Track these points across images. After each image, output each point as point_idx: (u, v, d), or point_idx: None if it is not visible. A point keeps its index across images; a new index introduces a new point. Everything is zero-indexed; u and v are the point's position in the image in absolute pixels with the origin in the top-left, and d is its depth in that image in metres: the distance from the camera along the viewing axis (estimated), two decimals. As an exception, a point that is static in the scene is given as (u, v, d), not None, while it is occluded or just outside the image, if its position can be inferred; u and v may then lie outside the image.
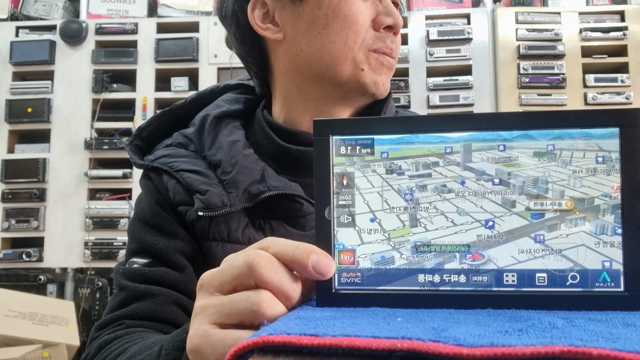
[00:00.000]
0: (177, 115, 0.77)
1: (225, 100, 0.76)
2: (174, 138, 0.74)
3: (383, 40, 0.67)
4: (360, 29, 0.65)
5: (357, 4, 0.65)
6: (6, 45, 2.49)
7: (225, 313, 0.35)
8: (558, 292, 0.34)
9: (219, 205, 0.63)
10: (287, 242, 0.36)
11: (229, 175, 0.65)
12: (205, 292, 0.38)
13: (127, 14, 2.58)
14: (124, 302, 0.65)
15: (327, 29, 0.65)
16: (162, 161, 0.69)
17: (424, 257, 0.36)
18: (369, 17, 0.66)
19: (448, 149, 0.37)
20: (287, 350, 0.27)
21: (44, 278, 2.32)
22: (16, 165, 2.41)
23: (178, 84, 2.44)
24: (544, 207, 0.35)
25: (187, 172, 0.66)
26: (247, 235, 0.65)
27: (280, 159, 0.69)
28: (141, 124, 0.77)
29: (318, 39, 0.66)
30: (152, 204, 0.69)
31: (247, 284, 0.35)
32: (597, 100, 2.33)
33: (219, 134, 0.71)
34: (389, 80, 0.69)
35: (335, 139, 0.38)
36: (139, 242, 0.68)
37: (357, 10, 0.65)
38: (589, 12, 2.44)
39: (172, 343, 0.45)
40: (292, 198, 0.65)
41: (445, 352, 0.24)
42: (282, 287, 0.35)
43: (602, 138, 0.35)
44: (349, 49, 0.65)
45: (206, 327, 0.36)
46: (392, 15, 0.67)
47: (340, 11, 0.65)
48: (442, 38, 2.41)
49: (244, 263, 0.35)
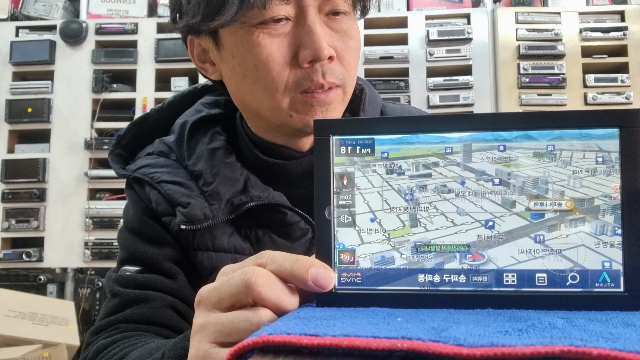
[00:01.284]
0: (155, 120, 0.75)
1: (204, 104, 0.74)
2: (155, 146, 0.72)
3: (309, 77, 0.57)
4: (277, 76, 0.58)
5: (267, 48, 0.57)
6: (6, 45, 2.49)
7: (225, 332, 0.35)
8: (558, 293, 0.34)
9: (201, 218, 0.61)
10: (285, 257, 0.36)
11: (211, 186, 0.64)
12: (203, 309, 0.38)
13: (127, 14, 2.58)
14: (118, 308, 0.64)
15: (245, 78, 0.60)
16: (143, 171, 0.68)
17: (424, 257, 0.36)
18: (285, 56, 0.58)
19: (448, 149, 0.37)
20: (287, 350, 0.27)
21: (44, 278, 2.32)
22: (16, 165, 2.41)
23: (178, 84, 2.45)
24: (543, 208, 0.35)
25: (168, 184, 0.65)
26: (233, 244, 0.64)
27: (262, 171, 0.67)
28: (120, 132, 0.75)
29: (242, 86, 0.62)
30: (138, 214, 0.68)
31: (244, 301, 0.35)
32: (597, 100, 2.33)
33: (199, 141, 0.68)
34: (332, 112, 0.60)
35: (336, 139, 0.38)
36: (129, 252, 0.68)
37: (268, 57, 0.57)
38: (589, 12, 2.44)
39: (174, 351, 0.45)
40: (275, 208, 0.64)
41: (445, 352, 0.24)
42: (280, 304, 0.35)
43: (601, 138, 0.35)
44: (270, 97, 0.59)
45: (207, 347, 0.36)
46: (310, 47, 0.56)
47: (250, 61, 0.58)
48: (442, 38, 2.42)
49: (242, 282, 0.35)
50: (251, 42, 0.57)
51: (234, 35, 0.59)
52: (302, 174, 0.67)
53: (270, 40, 0.57)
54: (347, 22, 0.61)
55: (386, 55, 2.42)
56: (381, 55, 2.42)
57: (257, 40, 0.57)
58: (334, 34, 0.59)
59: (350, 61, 0.61)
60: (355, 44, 0.62)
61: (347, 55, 0.60)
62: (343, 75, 0.60)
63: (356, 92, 0.69)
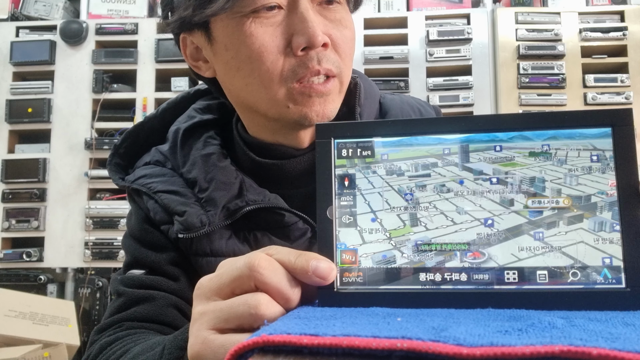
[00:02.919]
0: (150, 127, 0.75)
1: (197, 110, 0.74)
2: (152, 155, 0.72)
3: (305, 64, 0.57)
4: (272, 66, 0.57)
5: (259, 37, 0.56)
6: (6, 45, 2.49)
7: (224, 318, 0.36)
8: (559, 290, 0.35)
9: (198, 226, 0.61)
10: (289, 251, 0.37)
11: (206, 193, 0.63)
12: (202, 298, 0.38)
13: (127, 14, 2.58)
14: (123, 307, 0.65)
15: (239, 71, 0.59)
16: (140, 182, 0.68)
17: (425, 255, 0.36)
18: (279, 45, 0.57)
19: (446, 150, 0.37)
20: (287, 350, 0.27)
21: (44, 278, 2.32)
22: (16, 165, 2.41)
23: (178, 84, 2.44)
24: (541, 205, 0.36)
25: (164, 194, 0.65)
26: (232, 247, 0.64)
27: (258, 173, 0.67)
28: (116, 142, 0.75)
29: (236, 80, 0.61)
30: (140, 222, 0.69)
31: (246, 285, 0.36)
32: (596, 101, 2.33)
33: (192, 148, 0.68)
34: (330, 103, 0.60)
35: (337, 142, 0.38)
36: (133, 256, 0.69)
37: (261, 47, 0.56)
38: (589, 12, 2.44)
39: (175, 342, 0.45)
40: (272, 210, 0.64)
41: (445, 351, 0.24)
42: (281, 288, 0.35)
43: (595, 137, 0.36)
44: (266, 89, 0.58)
45: (206, 334, 0.36)
46: (304, 33, 0.55)
47: (243, 52, 0.57)
48: (442, 38, 2.41)
49: (245, 264, 0.35)
50: (243, 32, 0.57)
51: (226, 27, 0.58)
52: (299, 173, 0.67)
53: (263, 30, 0.56)
54: (341, 11, 0.60)
55: (386, 56, 2.42)
56: (381, 56, 2.42)
57: (249, 30, 0.56)
58: (329, 23, 0.59)
59: (346, 50, 0.60)
60: (350, 34, 0.61)
61: (342, 44, 0.60)
62: (339, 63, 0.59)
63: (350, 86, 0.67)
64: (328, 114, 0.60)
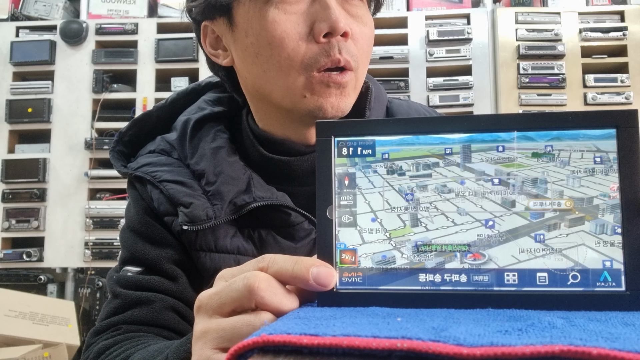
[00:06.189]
0: (157, 117, 0.75)
1: (207, 102, 0.73)
2: (157, 143, 0.71)
3: (327, 53, 0.57)
4: (292, 52, 0.57)
5: (282, 24, 0.57)
6: (6, 45, 2.49)
7: (227, 338, 0.35)
8: (559, 292, 0.34)
9: (203, 219, 0.60)
10: (286, 259, 0.36)
11: (213, 186, 0.63)
12: (204, 315, 0.38)
13: (127, 14, 2.58)
14: (119, 309, 0.64)
15: (258, 57, 0.59)
16: (144, 170, 0.67)
17: (425, 256, 0.36)
18: (301, 32, 0.57)
19: (448, 150, 0.37)
20: (287, 349, 0.27)
21: (44, 278, 2.32)
22: (16, 165, 2.41)
23: (178, 84, 2.44)
24: (543, 207, 0.36)
25: (170, 183, 0.64)
26: (236, 244, 0.63)
27: (266, 169, 0.66)
28: (122, 129, 0.74)
29: (254, 67, 0.60)
30: (140, 213, 0.67)
31: (247, 306, 0.35)
32: (596, 101, 2.33)
33: (202, 140, 0.67)
34: (346, 97, 0.60)
35: (337, 141, 0.38)
36: (130, 251, 0.67)
37: (282, 33, 0.57)
38: (589, 12, 2.44)
39: (177, 354, 0.45)
40: (279, 208, 0.63)
41: (445, 351, 0.24)
42: (282, 308, 0.35)
43: (599, 139, 0.35)
44: (285, 76, 0.58)
45: (209, 353, 0.36)
46: (326, 20, 0.56)
47: (264, 38, 0.57)
48: (442, 38, 2.41)
49: (244, 287, 0.35)
50: (266, 18, 0.57)
51: (247, 12, 0.59)
52: (307, 170, 0.66)
53: (285, 17, 0.57)
54: (362, 8, 0.61)
55: (386, 56, 2.42)
56: (381, 56, 2.42)
57: (271, 16, 0.57)
58: (350, 17, 0.60)
59: (364, 47, 0.61)
60: (369, 32, 0.62)
61: (361, 39, 0.60)
62: (357, 57, 0.59)
63: (362, 90, 0.68)
64: (343, 108, 0.60)
